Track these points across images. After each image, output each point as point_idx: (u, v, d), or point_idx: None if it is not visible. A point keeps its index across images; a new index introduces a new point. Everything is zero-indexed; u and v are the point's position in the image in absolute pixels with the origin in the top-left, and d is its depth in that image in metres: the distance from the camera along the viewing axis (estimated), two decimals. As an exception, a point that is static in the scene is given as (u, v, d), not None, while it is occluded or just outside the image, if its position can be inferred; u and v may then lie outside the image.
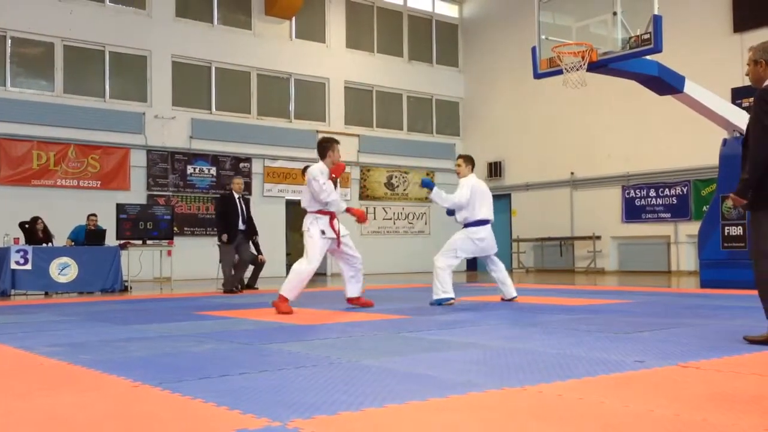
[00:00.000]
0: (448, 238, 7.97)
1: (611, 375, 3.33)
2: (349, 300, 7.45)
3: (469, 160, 8.06)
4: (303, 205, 7.23)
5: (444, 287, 7.63)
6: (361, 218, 7.55)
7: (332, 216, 7.14)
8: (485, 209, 7.82)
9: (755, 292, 4.45)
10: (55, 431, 2.46)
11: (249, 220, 11.20)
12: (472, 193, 7.75)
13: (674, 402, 2.73)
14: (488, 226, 7.89)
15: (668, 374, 3.37)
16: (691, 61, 14.25)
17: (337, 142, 7.37)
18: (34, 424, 2.56)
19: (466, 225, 7.82)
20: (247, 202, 11.33)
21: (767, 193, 4.18)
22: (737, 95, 15.02)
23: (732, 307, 6.95)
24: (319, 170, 7.09)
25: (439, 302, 7.59)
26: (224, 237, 10.83)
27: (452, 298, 7.64)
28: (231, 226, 10.86)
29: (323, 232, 7.03)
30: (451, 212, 7.99)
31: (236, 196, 11.07)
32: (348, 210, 7.50)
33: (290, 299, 6.98)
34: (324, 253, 7.15)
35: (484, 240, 7.81)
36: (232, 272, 10.94)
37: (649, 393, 2.92)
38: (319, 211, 7.09)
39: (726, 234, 10.28)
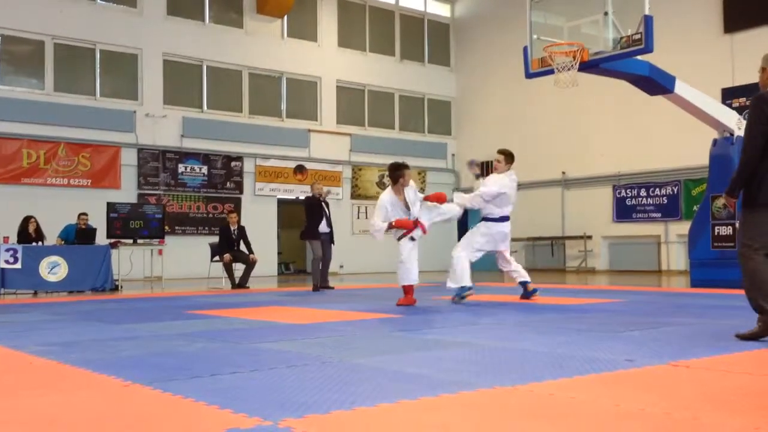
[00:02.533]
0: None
1: (602, 374, 3.34)
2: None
3: (510, 157, 8.05)
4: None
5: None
6: (406, 226, 7.58)
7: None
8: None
9: (744, 292, 4.49)
10: (45, 431, 2.45)
11: (331, 223, 11.49)
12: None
13: (665, 400, 2.75)
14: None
15: (659, 373, 3.39)
16: (681, 62, 14.30)
17: (407, 167, 7.56)
18: (23, 423, 2.55)
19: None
20: (328, 206, 11.57)
21: (753, 192, 4.38)
22: (727, 95, 15.10)
23: (722, 307, 6.98)
24: (385, 200, 7.46)
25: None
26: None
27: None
28: (313, 226, 11.17)
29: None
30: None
31: (322, 200, 11.35)
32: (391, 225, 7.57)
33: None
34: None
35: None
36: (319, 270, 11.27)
37: (639, 392, 2.93)
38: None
39: (716, 234, 10.33)
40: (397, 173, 7.47)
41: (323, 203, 11.36)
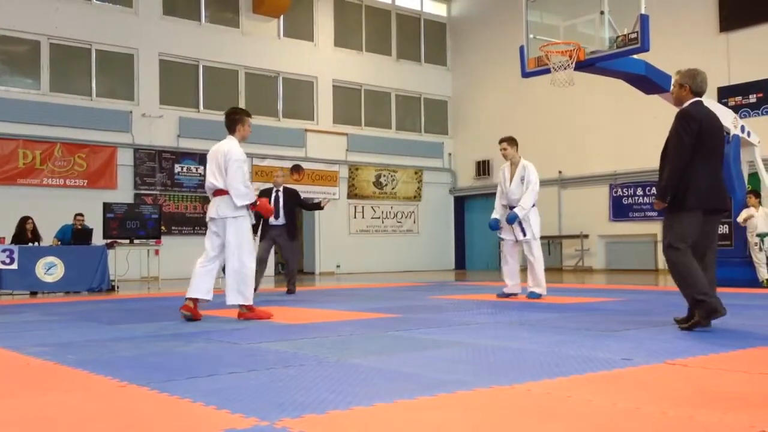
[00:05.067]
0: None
1: (599, 373, 3.34)
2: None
3: (514, 141, 8.58)
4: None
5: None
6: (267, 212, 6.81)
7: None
8: None
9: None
10: (42, 431, 2.45)
11: (289, 215, 9.84)
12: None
13: (661, 399, 2.75)
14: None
15: (655, 372, 3.39)
16: (677, 61, 14.22)
17: (249, 114, 6.45)
18: (20, 424, 2.54)
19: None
20: (292, 195, 10.09)
21: (680, 198, 4.85)
22: (723, 94, 15.13)
23: (718, 305, 6.98)
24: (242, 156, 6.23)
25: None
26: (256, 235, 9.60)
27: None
28: (261, 220, 9.41)
29: None
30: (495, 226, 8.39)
31: (275, 189, 9.93)
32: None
33: None
34: None
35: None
36: (265, 271, 9.95)
37: (636, 391, 2.93)
38: None
39: (712, 232, 10.33)
40: (236, 117, 6.30)
41: (277, 192, 9.86)
